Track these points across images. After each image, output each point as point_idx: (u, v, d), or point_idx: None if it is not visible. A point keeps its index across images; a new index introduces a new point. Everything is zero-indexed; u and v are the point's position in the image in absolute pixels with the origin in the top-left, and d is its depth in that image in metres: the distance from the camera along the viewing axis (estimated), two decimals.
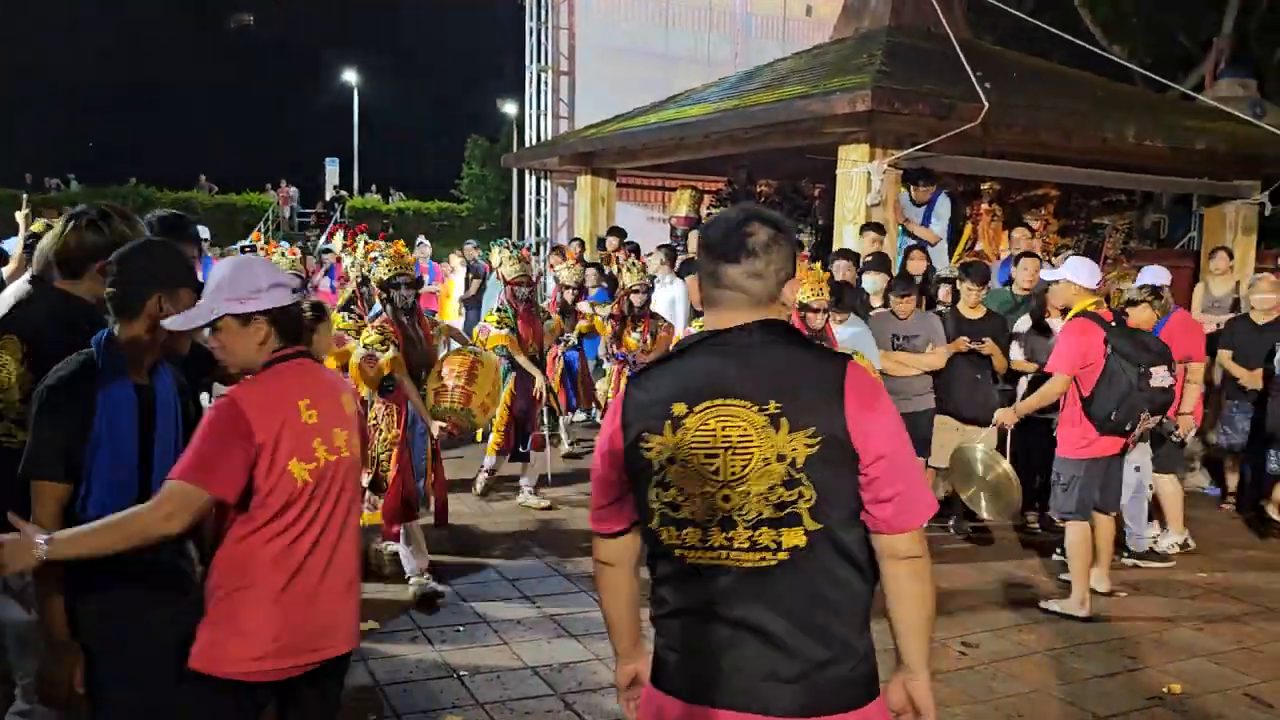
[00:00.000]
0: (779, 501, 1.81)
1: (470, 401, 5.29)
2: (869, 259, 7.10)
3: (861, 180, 7.87)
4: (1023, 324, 6.52)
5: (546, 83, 14.80)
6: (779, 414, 1.82)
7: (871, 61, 8.44)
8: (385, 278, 5.33)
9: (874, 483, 1.83)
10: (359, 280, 6.48)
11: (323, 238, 26.97)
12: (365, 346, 5.13)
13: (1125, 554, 6.00)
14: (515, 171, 17.23)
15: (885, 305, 6.60)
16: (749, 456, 1.82)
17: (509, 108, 28.57)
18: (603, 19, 14.60)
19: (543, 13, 14.65)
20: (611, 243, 10.31)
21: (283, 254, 7.26)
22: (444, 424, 5.28)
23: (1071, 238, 10.12)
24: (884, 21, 10.17)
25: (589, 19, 14.64)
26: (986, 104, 7.51)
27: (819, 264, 6.13)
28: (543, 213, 15.50)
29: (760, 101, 8.84)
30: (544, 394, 6.96)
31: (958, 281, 6.75)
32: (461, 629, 4.79)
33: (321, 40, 45.39)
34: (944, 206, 8.45)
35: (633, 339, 7.68)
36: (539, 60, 14.82)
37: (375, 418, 5.27)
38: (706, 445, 1.84)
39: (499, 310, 6.92)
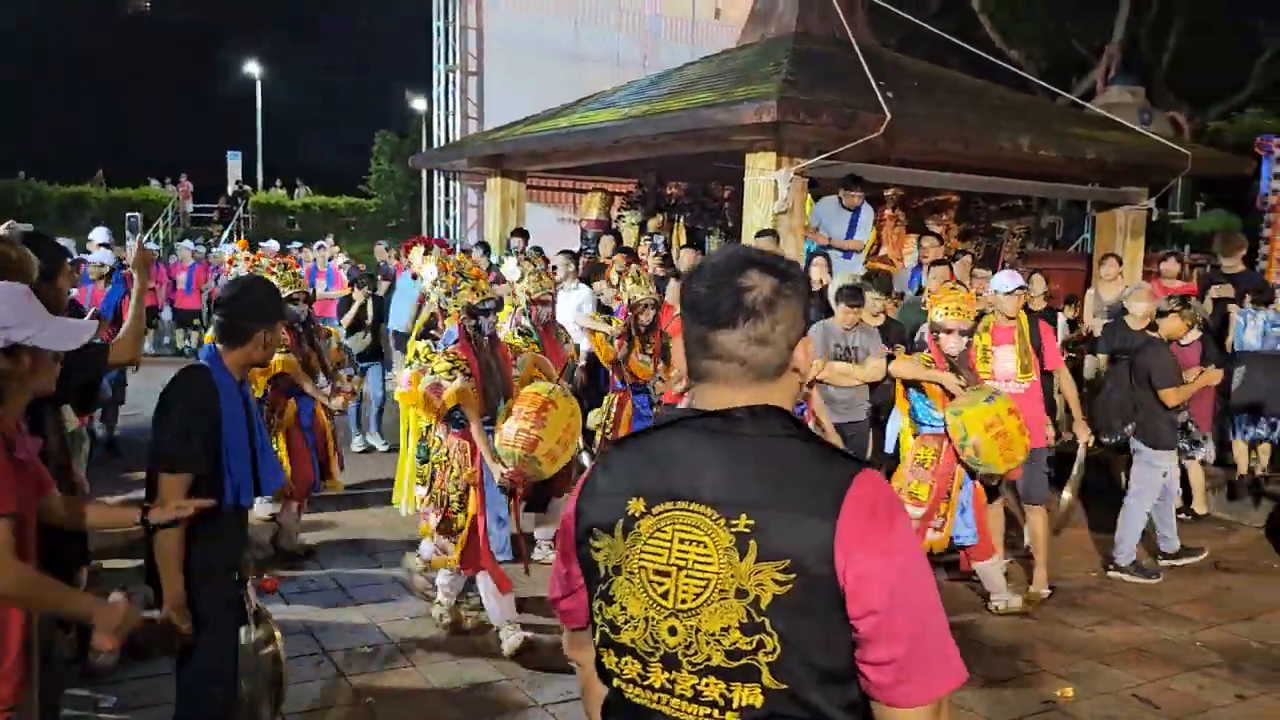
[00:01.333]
0: (733, 648, 1.41)
1: (536, 449, 4.59)
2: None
3: (769, 188, 7.96)
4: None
5: (455, 82, 14.63)
6: (748, 534, 1.42)
7: (778, 70, 8.53)
8: (472, 303, 4.81)
9: (868, 642, 1.40)
10: (439, 302, 5.98)
11: (225, 234, 26.27)
12: (433, 374, 4.70)
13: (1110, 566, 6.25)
14: (424, 170, 16.98)
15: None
16: (704, 583, 1.43)
17: (418, 103, 28.14)
18: (511, 19, 14.49)
19: (450, 11, 14.47)
20: (516, 244, 10.26)
21: (279, 263, 6.48)
22: (505, 470, 4.64)
23: (971, 242, 10.42)
24: (790, 28, 10.29)
25: (497, 18, 14.52)
26: (889, 114, 7.67)
27: None
28: (452, 214, 15.32)
29: (669, 109, 8.88)
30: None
31: (863, 290, 6.88)
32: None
33: (223, 27, 44.10)
34: (868, 214, 8.60)
35: (642, 363, 6.42)
36: (447, 59, 14.64)
37: (445, 453, 4.77)
38: (658, 559, 1.47)
39: (522, 333, 6.05)
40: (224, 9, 45.51)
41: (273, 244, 14.15)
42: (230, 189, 32.25)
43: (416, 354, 5.36)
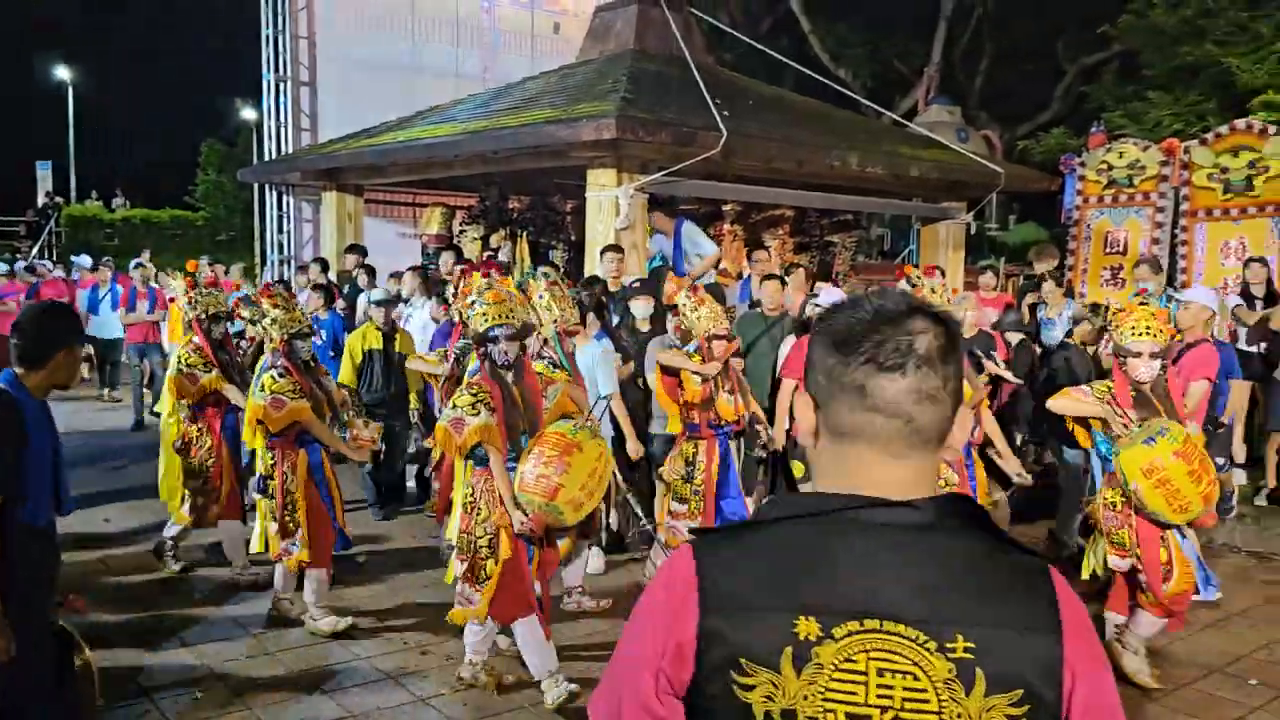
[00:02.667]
0: None
1: (557, 496, 4.14)
2: (635, 284, 7.25)
3: (610, 204, 8.04)
4: (786, 344, 6.80)
5: (286, 92, 14.13)
6: (971, 660, 1.14)
7: (616, 87, 8.63)
8: (481, 330, 4.38)
9: None
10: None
11: (34, 250, 24.56)
12: (455, 408, 4.32)
13: None
14: (256, 184, 16.34)
15: (653, 330, 6.70)
16: None
17: (248, 113, 27.06)
18: (344, 29, 14.10)
19: (280, 19, 13.97)
20: (350, 261, 9.98)
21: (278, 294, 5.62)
22: (524, 518, 4.22)
23: (806, 255, 10.79)
24: (628, 45, 10.43)
25: (330, 29, 14.10)
26: (725, 133, 7.86)
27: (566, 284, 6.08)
28: (286, 228, 14.79)
29: (509, 124, 8.85)
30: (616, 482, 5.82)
31: None
32: None
33: (31, 28, 41.32)
34: (691, 228, 8.78)
35: (727, 402, 5.73)
36: (277, 69, 14.13)
37: (471, 495, 4.37)
38: (853, 700, 1.15)
39: (554, 364, 5.37)
40: (33, 10, 42.68)
41: (85, 259, 13.33)
42: (40, 201, 30.17)
43: (262, 386, 5.10)
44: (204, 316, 5.98)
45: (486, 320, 4.35)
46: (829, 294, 6.45)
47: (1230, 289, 8.80)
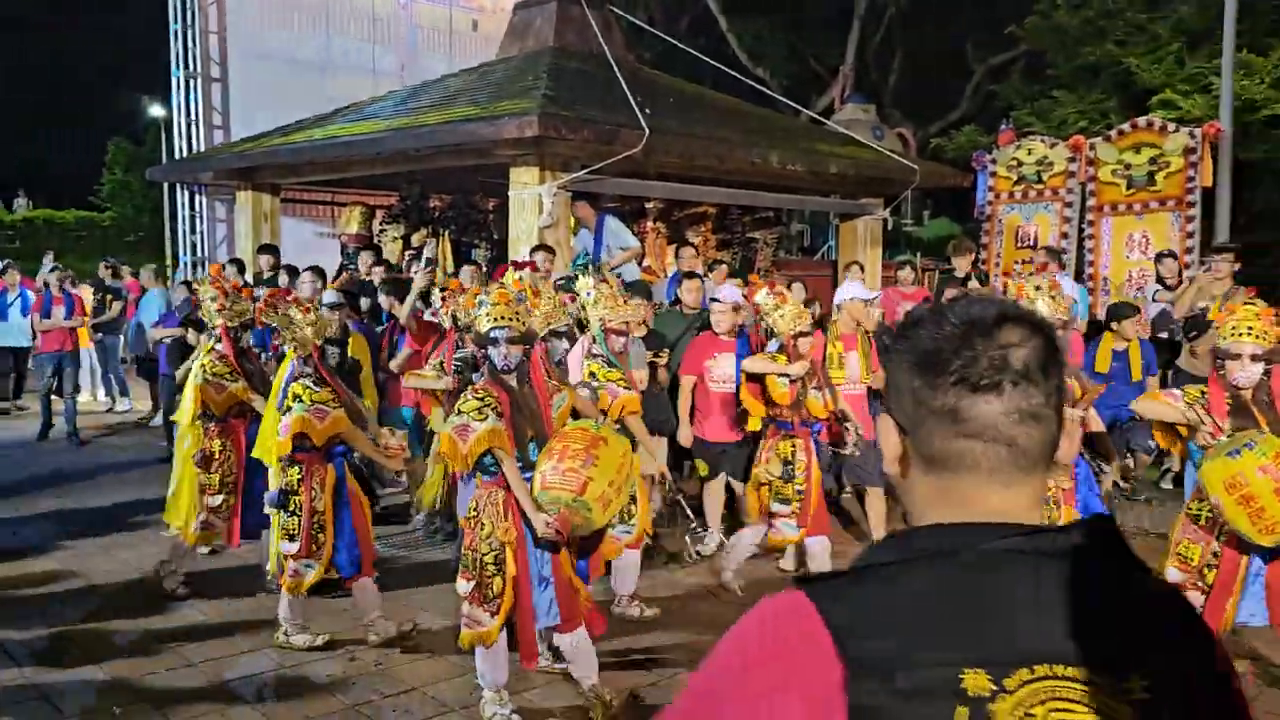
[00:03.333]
0: None
1: (586, 491, 3.86)
2: (561, 281, 7.21)
3: (533, 202, 8.01)
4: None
5: (196, 89, 13.76)
6: (1151, 703, 1.01)
7: (538, 84, 8.61)
8: (482, 331, 4.16)
9: None
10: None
11: None
12: (460, 414, 4.06)
13: None
14: (165, 183, 15.88)
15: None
16: None
17: (156, 109, 26.26)
18: (256, 24, 13.79)
19: (188, 15, 13.59)
20: (264, 262, 9.77)
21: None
22: (549, 519, 3.92)
23: (728, 251, 10.90)
24: (548, 42, 10.40)
25: (241, 23, 13.77)
26: (647, 130, 7.90)
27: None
28: (199, 228, 14.40)
29: (430, 122, 8.77)
30: (665, 478, 5.91)
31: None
32: None
33: None
34: (614, 223, 8.79)
35: (815, 398, 5.64)
36: (186, 65, 13.75)
37: (475, 508, 4.14)
38: None
39: (608, 363, 5.30)
40: None
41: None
42: None
43: (297, 397, 4.81)
44: (234, 324, 5.69)
45: (489, 321, 4.13)
46: (728, 291, 6.52)
47: (1135, 281, 9.14)
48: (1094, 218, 9.98)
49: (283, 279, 9.22)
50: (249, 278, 9.88)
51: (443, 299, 6.57)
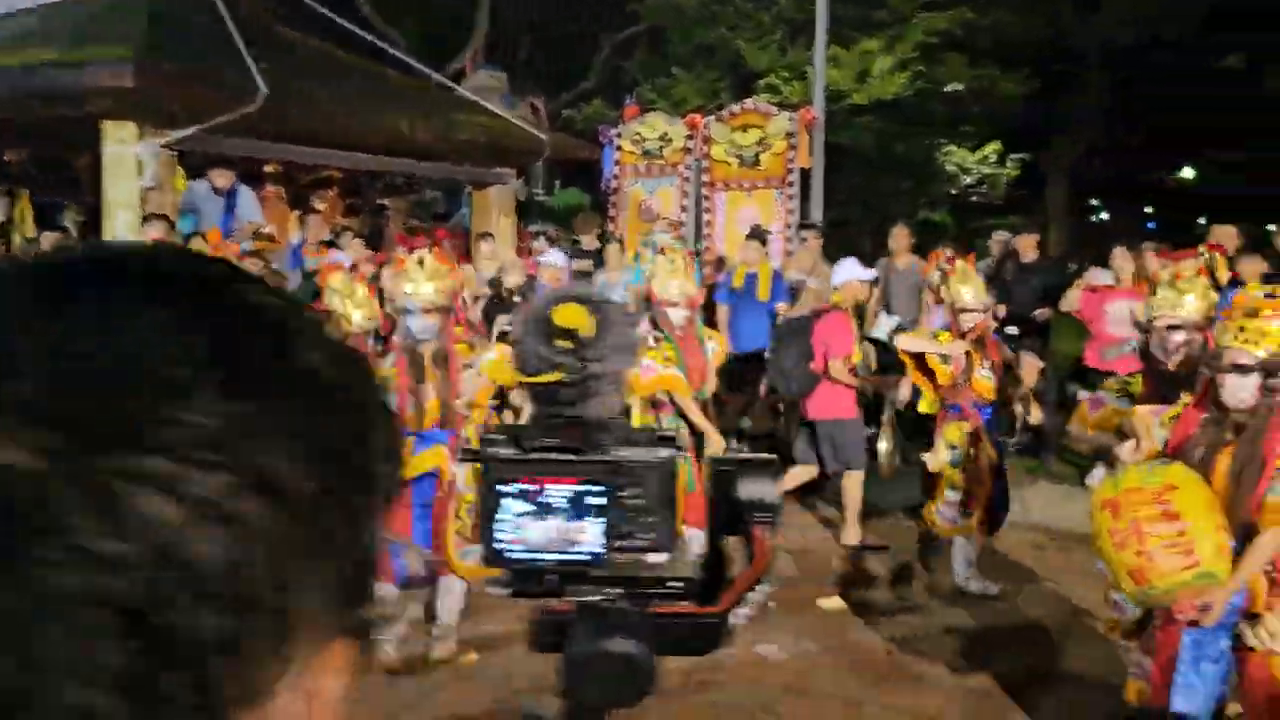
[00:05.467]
0: None
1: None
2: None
3: (133, 162, 7.21)
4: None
5: None
6: None
7: (135, 28, 7.72)
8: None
9: None
10: None
11: None
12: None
13: None
14: None
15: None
16: None
17: None
18: None
19: None
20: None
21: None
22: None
23: (358, 219, 10.50)
24: None
25: None
26: (264, 89, 7.36)
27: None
28: None
29: (2, 64, 7.59)
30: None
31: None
32: None
33: None
34: (247, 195, 8.12)
35: (984, 378, 5.23)
36: None
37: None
38: None
39: (658, 338, 5.05)
40: None
41: None
42: None
43: None
44: None
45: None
46: (552, 255, 6.31)
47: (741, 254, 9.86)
48: (709, 193, 10.67)
49: None
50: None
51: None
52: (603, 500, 1.16)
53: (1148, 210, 25.32)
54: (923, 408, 5.70)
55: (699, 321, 5.41)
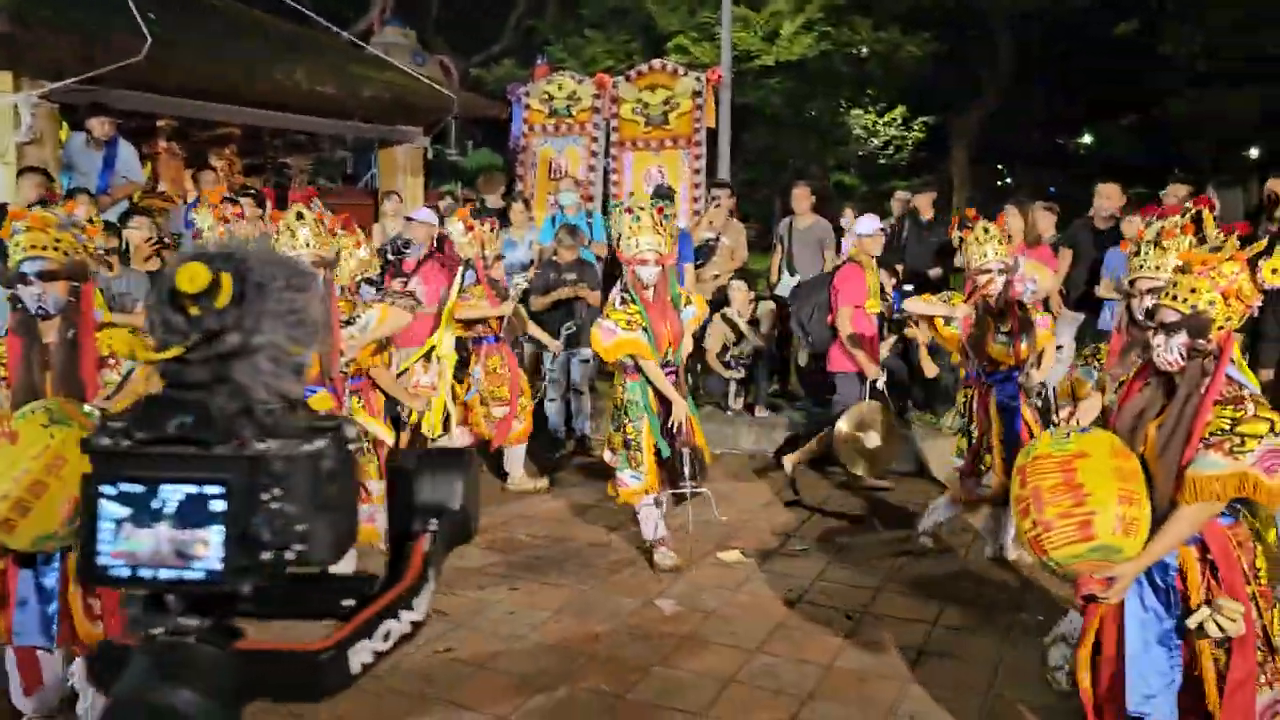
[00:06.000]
0: None
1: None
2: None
3: (7, 113, 6.89)
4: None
5: None
6: None
7: None
8: (12, 267, 3.26)
9: None
10: None
11: None
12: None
13: None
14: None
15: None
16: None
17: None
18: None
19: None
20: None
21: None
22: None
23: (260, 177, 10.21)
24: None
25: None
26: (150, 38, 7.08)
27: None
28: None
29: None
30: (684, 428, 5.13)
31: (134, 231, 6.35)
32: None
33: None
34: (127, 150, 7.79)
35: (1001, 344, 5.03)
36: None
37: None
38: None
39: (625, 299, 4.96)
40: None
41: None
42: None
43: None
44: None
45: (19, 252, 3.28)
46: (422, 213, 6.20)
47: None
48: (617, 153, 10.63)
49: None
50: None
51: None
52: (225, 504, 0.96)
53: (1050, 175, 26.04)
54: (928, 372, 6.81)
55: (674, 282, 5.23)
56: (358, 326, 4.44)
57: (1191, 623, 2.85)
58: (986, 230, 5.00)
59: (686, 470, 5.08)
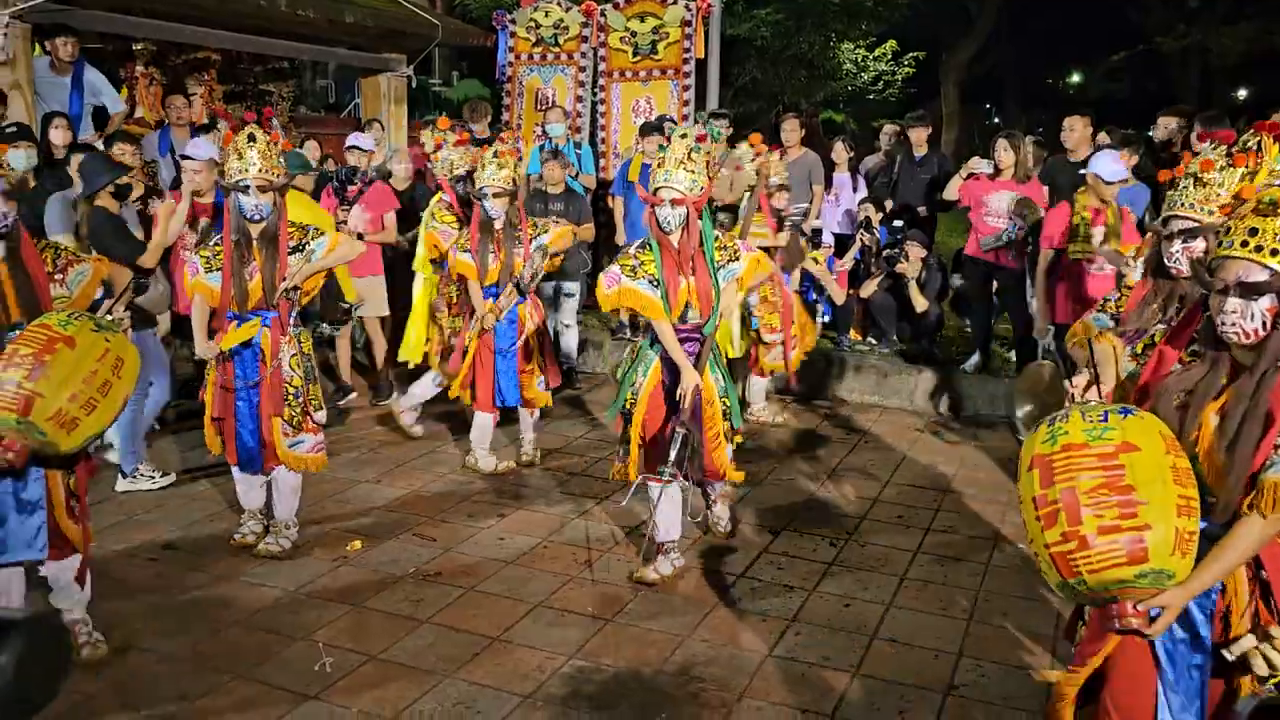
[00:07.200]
0: None
1: (31, 410, 3.02)
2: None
3: None
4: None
5: None
6: None
7: None
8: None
9: None
10: None
11: None
12: None
13: None
14: None
15: None
16: None
17: None
18: None
19: None
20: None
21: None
22: None
23: (240, 104, 10.00)
24: None
25: None
26: None
27: None
28: None
29: None
30: (689, 403, 4.19)
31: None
32: None
33: None
34: (93, 74, 7.57)
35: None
36: None
37: None
38: None
39: (644, 242, 4.19)
40: None
41: None
42: None
43: None
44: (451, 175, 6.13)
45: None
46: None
47: (639, 144, 9.78)
48: (605, 83, 10.46)
49: None
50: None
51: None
52: None
53: (1038, 115, 25.89)
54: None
55: (708, 229, 4.21)
56: (305, 254, 4.38)
57: (1233, 653, 2.26)
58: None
59: (673, 454, 4.13)
